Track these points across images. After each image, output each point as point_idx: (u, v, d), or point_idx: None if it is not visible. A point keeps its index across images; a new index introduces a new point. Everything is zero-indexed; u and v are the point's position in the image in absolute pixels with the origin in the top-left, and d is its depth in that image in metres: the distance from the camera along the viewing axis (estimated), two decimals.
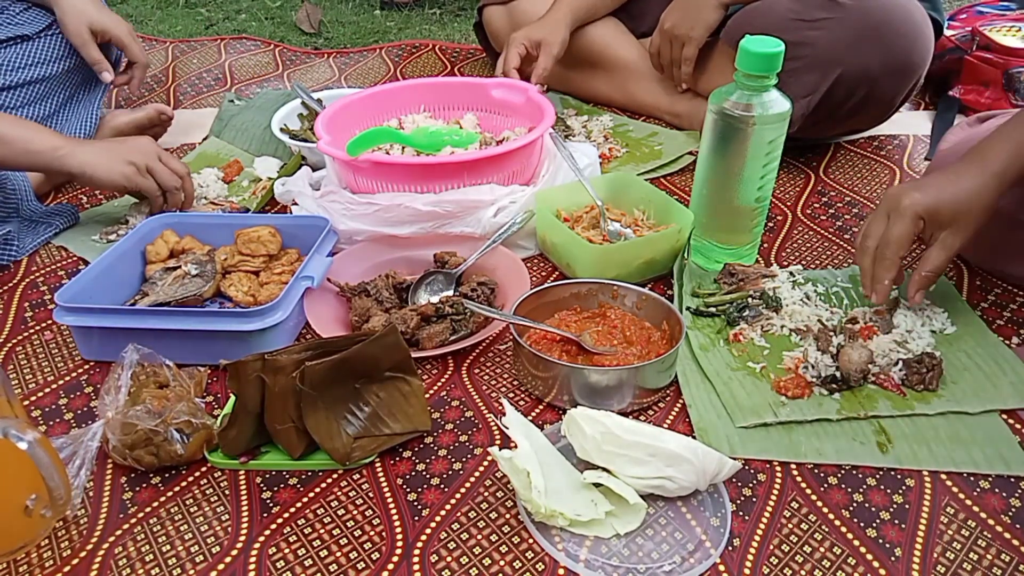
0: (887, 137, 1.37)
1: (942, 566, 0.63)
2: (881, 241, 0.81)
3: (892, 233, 0.80)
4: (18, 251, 1.06)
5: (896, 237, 0.80)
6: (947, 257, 0.81)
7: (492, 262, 0.98)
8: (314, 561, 0.65)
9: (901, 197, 0.80)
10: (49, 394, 0.83)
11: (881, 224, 0.82)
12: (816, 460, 0.73)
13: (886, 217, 0.82)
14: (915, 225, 0.79)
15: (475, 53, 1.80)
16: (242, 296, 0.94)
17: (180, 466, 0.73)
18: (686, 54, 1.30)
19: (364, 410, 0.74)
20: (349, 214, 1.01)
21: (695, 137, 1.34)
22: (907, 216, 0.79)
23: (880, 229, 0.82)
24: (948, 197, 0.79)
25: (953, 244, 0.80)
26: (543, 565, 0.64)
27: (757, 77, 0.87)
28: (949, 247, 0.80)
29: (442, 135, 1.15)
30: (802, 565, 0.64)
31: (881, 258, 0.82)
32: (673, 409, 0.80)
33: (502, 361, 0.87)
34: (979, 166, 0.79)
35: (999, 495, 0.70)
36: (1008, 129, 0.80)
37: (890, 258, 0.81)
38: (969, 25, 1.51)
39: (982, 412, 0.77)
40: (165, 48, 1.85)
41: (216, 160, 1.32)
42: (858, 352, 0.80)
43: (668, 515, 0.68)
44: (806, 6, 1.15)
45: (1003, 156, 0.79)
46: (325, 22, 2.10)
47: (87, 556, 0.65)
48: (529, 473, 0.64)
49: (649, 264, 0.97)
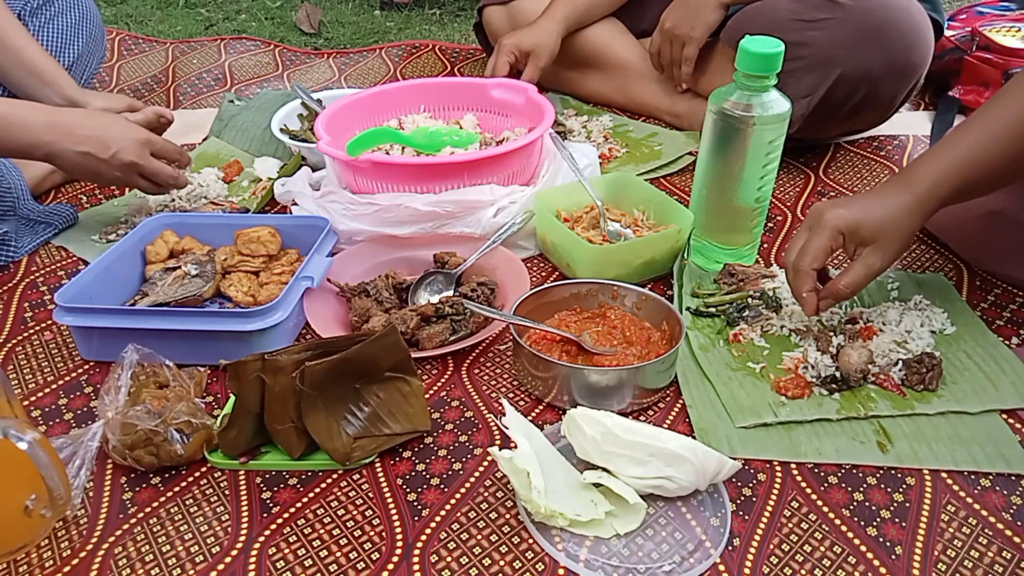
0: (887, 137, 1.37)
1: (943, 564, 0.63)
2: (800, 251, 0.81)
3: (809, 245, 0.80)
4: (17, 251, 1.06)
5: (812, 248, 0.79)
6: (867, 275, 0.79)
7: (492, 262, 0.98)
8: (314, 561, 0.65)
9: (824, 211, 0.80)
10: (49, 394, 0.83)
11: (802, 238, 0.81)
12: (816, 460, 0.73)
13: (807, 231, 0.81)
14: (833, 239, 0.79)
15: (475, 53, 1.80)
16: (242, 296, 0.94)
17: (180, 466, 0.73)
18: (686, 54, 1.30)
19: (364, 410, 0.74)
20: (349, 214, 1.01)
21: (695, 137, 1.34)
22: (827, 229, 0.79)
23: (799, 243, 0.81)
24: (872, 215, 0.78)
25: (874, 263, 0.79)
26: (543, 565, 0.64)
27: (757, 77, 0.87)
28: (870, 265, 0.79)
29: (442, 135, 1.16)
30: (802, 564, 0.64)
31: (796, 269, 0.81)
32: (673, 409, 0.80)
33: (502, 361, 0.87)
34: (906, 187, 0.79)
35: (1000, 493, 0.70)
36: (938, 150, 0.80)
37: (804, 269, 0.80)
38: (969, 25, 1.51)
39: (982, 412, 0.77)
40: (165, 48, 1.85)
41: (216, 160, 1.32)
42: (858, 352, 0.80)
43: (668, 515, 0.68)
44: (806, 6, 1.15)
45: (930, 178, 0.78)
46: (325, 22, 2.10)
47: (87, 556, 0.65)
48: (529, 473, 0.64)
49: (649, 264, 0.97)
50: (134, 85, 1.68)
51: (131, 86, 1.67)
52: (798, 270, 0.81)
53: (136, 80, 1.70)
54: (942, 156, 0.79)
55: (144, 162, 1.02)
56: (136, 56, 1.82)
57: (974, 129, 0.79)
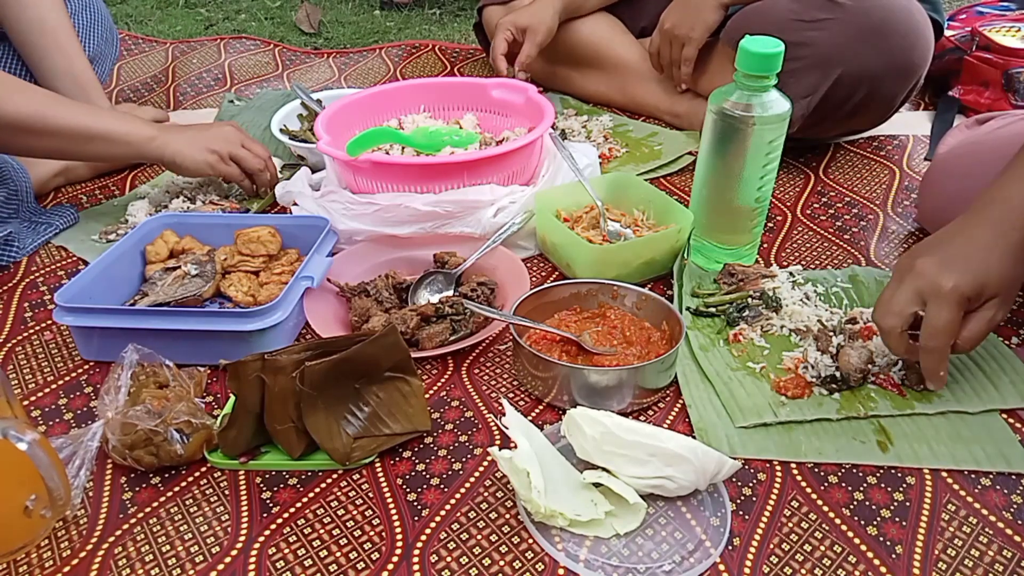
0: (887, 137, 1.37)
1: (943, 563, 0.63)
2: (928, 331, 0.72)
3: (940, 321, 0.71)
4: (18, 251, 1.06)
5: (946, 326, 0.71)
6: (988, 329, 0.72)
7: (492, 262, 0.98)
8: (314, 561, 0.65)
9: (936, 277, 0.71)
10: (49, 394, 0.83)
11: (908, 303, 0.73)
12: (816, 459, 0.73)
13: (917, 297, 0.72)
14: (961, 309, 0.71)
15: (475, 53, 1.80)
16: (242, 296, 0.94)
17: (180, 466, 0.73)
18: (686, 54, 1.30)
19: (364, 410, 0.74)
20: (349, 214, 1.01)
21: (695, 137, 1.34)
22: (951, 301, 0.70)
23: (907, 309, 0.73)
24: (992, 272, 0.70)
25: (996, 317, 0.72)
26: (543, 565, 0.64)
27: (757, 77, 0.87)
28: (992, 319, 0.72)
29: (442, 135, 1.15)
30: (802, 564, 0.64)
31: (928, 349, 0.72)
32: (673, 409, 0.80)
33: (502, 361, 0.87)
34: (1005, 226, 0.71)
35: (1000, 492, 0.70)
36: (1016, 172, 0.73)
37: (941, 347, 0.72)
38: (969, 25, 1.51)
39: (982, 411, 0.77)
40: (165, 49, 1.85)
41: None
42: (858, 352, 0.80)
43: (668, 515, 0.68)
44: (806, 7, 1.15)
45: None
46: (325, 22, 2.10)
47: (87, 556, 0.65)
48: (529, 473, 0.64)
49: (649, 264, 0.97)
50: (134, 85, 1.68)
51: (131, 86, 1.67)
52: (935, 351, 0.72)
53: (136, 80, 1.70)
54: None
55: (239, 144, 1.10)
56: (136, 56, 1.82)
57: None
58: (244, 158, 1.11)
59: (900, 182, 1.24)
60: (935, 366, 0.73)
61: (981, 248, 0.72)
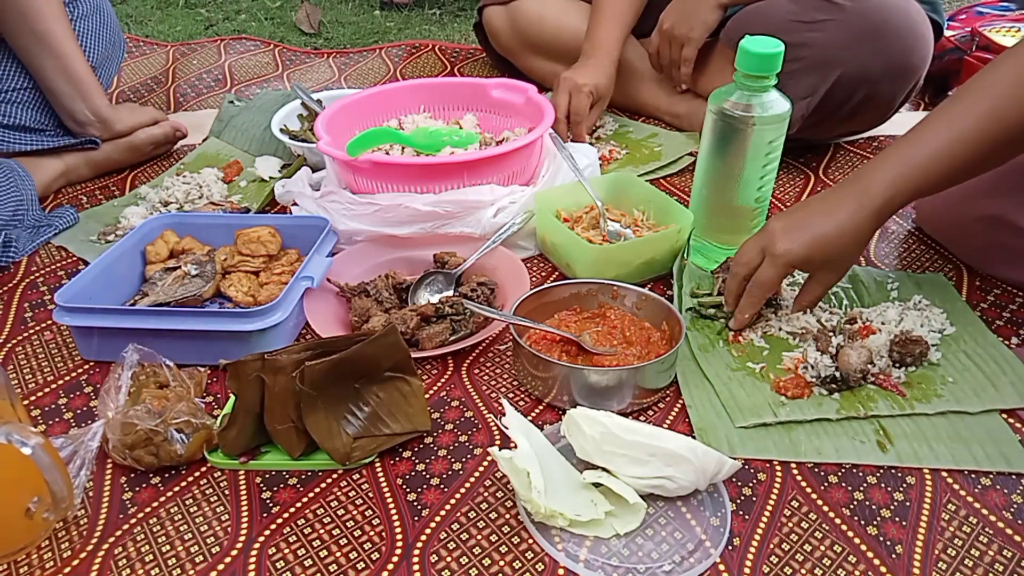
0: (887, 137, 1.37)
1: (943, 563, 0.63)
2: (752, 280, 0.82)
3: (762, 276, 0.81)
4: (17, 252, 1.06)
5: (765, 280, 0.81)
6: (823, 292, 0.83)
7: (492, 262, 0.98)
8: (314, 561, 0.65)
9: (774, 240, 0.79)
10: (49, 394, 0.83)
11: (754, 256, 0.82)
12: (816, 459, 0.73)
13: (760, 252, 0.81)
14: (785, 271, 0.80)
15: (475, 53, 1.80)
16: (242, 296, 0.94)
17: (180, 466, 0.73)
18: (685, 54, 1.30)
19: (364, 410, 0.74)
20: (349, 214, 1.01)
21: (695, 138, 1.34)
22: (778, 264, 0.80)
23: (752, 262, 0.82)
24: (824, 243, 0.78)
25: (829, 280, 0.82)
26: (543, 565, 0.64)
27: (757, 77, 0.88)
28: (826, 283, 0.82)
29: (442, 135, 1.15)
30: (802, 564, 0.64)
31: (749, 295, 0.83)
32: (673, 409, 0.80)
33: (502, 361, 0.87)
34: (862, 198, 0.78)
35: (1000, 491, 0.70)
36: (893, 153, 0.78)
37: (757, 297, 0.83)
38: (969, 25, 1.51)
39: (982, 412, 0.77)
40: (165, 51, 1.85)
41: (216, 160, 1.32)
42: (857, 352, 0.80)
43: (668, 515, 0.68)
44: (805, 8, 1.15)
45: (885, 188, 0.77)
46: (325, 22, 2.10)
47: (87, 557, 0.65)
48: (529, 473, 0.64)
49: (649, 264, 0.97)
50: (134, 87, 1.68)
51: (132, 87, 1.67)
52: (751, 295, 0.83)
53: (136, 81, 1.70)
54: (900, 161, 0.77)
55: None
56: (136, 58, 1.82)
57: (937, 128, 0.77)
58: None
59: None
60: (746, 310, 0.85)
61: (824, 220, 0.79)
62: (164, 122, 1.33)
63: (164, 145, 1.34)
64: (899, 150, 0.78)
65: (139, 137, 1.30)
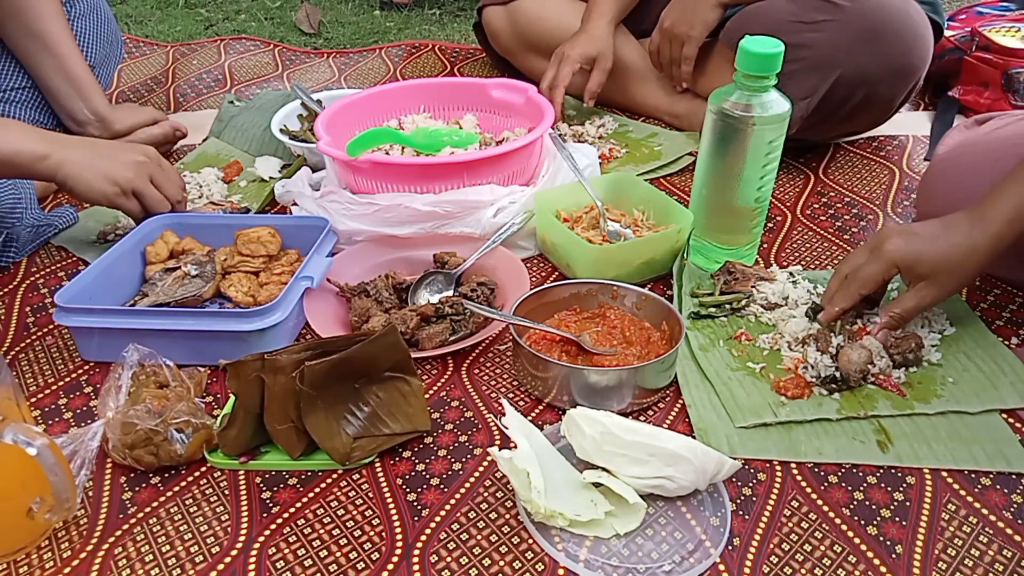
0: (886, 138, 1.38)
1: (943, 563, 0.63)
2: (851, 273, 0.82)
3: (864, 270, 0.80)
4: (17, 253, 1.06)
5: (865, 275, 0.80)
6: (917, 306, 0.80)
7: (492, 262, 0.98)
8: (314, 561, 0.65)
9: (886, 239, 0.79)
10: (49, 394, 0.83)
11: (862, 256, 0.82)
12: (816, 459, 0.73)
13: (868, 252, 0.82)
14: (888, 270, 0.79)
15: (475, 53, 1.80)
16: (242, 296, 0.94)
17: (180, 466, 0.73)
18: (685, 53, 1.30)
19: (364, 410, 0.74)
20: (349, 214, 1.01)
21: (695, 138, 1.34)
22: (883, 259, 0.79)
23: (859, 261, 0.82)
24: (932, 253, 0.77)
25: (927, 295, 0.79)
26: (543, 565, 0.64)
27: (757, 77, 0.88)
28: (922, 297, 0.79)
29: (442, 135, 1.15)
30: (802, 564, 0.64)
31: (845, 287, 0.82)
32: (673, 409, 0.80)
33: (502, 361, 0.87)
34: (978, 225, 0.76)
35: (1000, 491, 0.70)
36: (1010, 182, 0.76)
37: (852, 291, 0.81)
38: (968, 25, 1.51)
39: (982, 412, 0.77)
40: (165, 51, 1.85)
41: (216, 160, 1.32)
42: (857, 352, 0.80)
43: (668, 515, 0.68)
44: (804, 8, 1.16)
45: (1003, 217, 0.75)
46: (325, 22, 2.10)
47: (87, 557, 0.65)
48: (529, 473, 0.64)
49: (649, 264, 0.97)
50: (134, 87, 1.68)
51: (131, 88, 1.67)
52: (847, 288, 0.81)
53: (136, 82, 1.70)
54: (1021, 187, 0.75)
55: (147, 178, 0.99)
56: (136, 58, 1.82)
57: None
58: (148, 196, 0.99)
59: (900, 182, 1.24)
60: (838, 302, 0.82)
61: (939, 232, 0.78)
62: (164, 122, 1.34)
63: (164, 145, 1.34)
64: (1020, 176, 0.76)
65: (138, 137, 1.30)
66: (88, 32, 1.33)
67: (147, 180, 0.98)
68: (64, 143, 0.96)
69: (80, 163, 0.95)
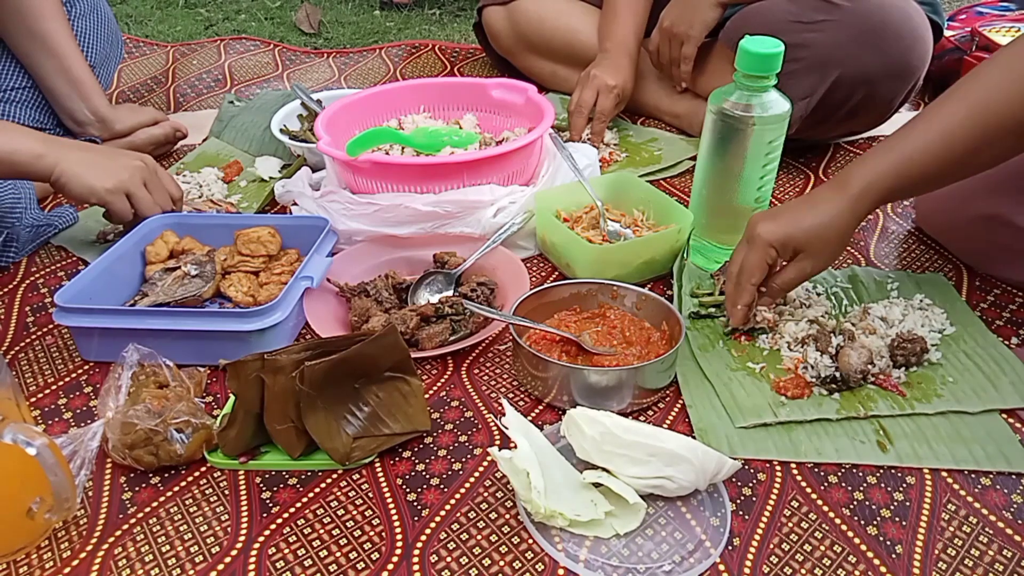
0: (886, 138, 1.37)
1: (943, 563, 0.63)
2: (739, 269, 0.82)
3: (747, 261, 0.81)
4: (17, 253, 1.06)
5: (749, 265, 0.81)
6: (798, 277, 0.82)
7: (492, 262, 0.98)
8: (314, 561, 0.65)
9: (755, 226, 0.80)
10: (49, 394, 0.83)
11: (741, 250, 0.83)
12: (816, 459, 0.73)
13: (745, 244, 0.82)
14: (766, 254, 0.80)
15: (475, 53, 1.80)
16: (242, 296, 0.94)
17: (180, 466, 0.73)
18: (685, 52, 1.30)
19: (364, 410, 0.74)
20: (349, 214, 1.01)
21: (695, 144, 1.34)
22: (758, 245, 0.80)
23: (740, 256, 0.83)
24: (801, 227, 0.79)
25: (806, 268, 0.81)
26: (543, 565, 0.64)
27: (757, 77, 0.88)
28: (801, 270, 0.81)
29: (442, 135, 1.15)
30: (802, 564, 0.64)
31: (736, 284, 0.83)
32: (673, 409, 0.80)
33: (502, 361, 0.87)
34: (839, 191, 0.79)
35: (1000, 491, 0.70)
36: (877, 151, 0.80)
37: (743, 285, 0.82)
38: (969, 26, 1.51)
39: (982, 412, 0.77)
40: (165, 51, 1.85)
41: (216, 160, 1.32)
42: (857, 352, 0.80)
43: (668, 515, 0.68)
44: (804, 8, 1.15)
45: (864, 181, 0.78)
46: (325, 22, 2.10)
47: (87, 557, 0.65)
48: (529, 473, 0.64)
49: (649, 264, 0.97)
50: (134, 87, 1.68)
51: (131, 88, 1.67)
52: (738, 284, 0.82)
53: (136, 82, 1.70)
54: (880, 158, 0.79)
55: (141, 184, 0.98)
56: (136, 59, 1.82)
57: (922, 125, 0.78)
58: (139, 199, 0.98)
59: None
60: (734, 299, 0.83)
61: (803, 207, 0.80)
62: (164, 122, 1.34)
63: (164, 145, 1.34)
64: (883, 144, 0.80)
65: (139, 137, 1.30)
66: (88, 32, 1.33)
67: (140, 184, 0.99)
68: (62, 145, 0.97)
69: (77, 161, 0.95)
